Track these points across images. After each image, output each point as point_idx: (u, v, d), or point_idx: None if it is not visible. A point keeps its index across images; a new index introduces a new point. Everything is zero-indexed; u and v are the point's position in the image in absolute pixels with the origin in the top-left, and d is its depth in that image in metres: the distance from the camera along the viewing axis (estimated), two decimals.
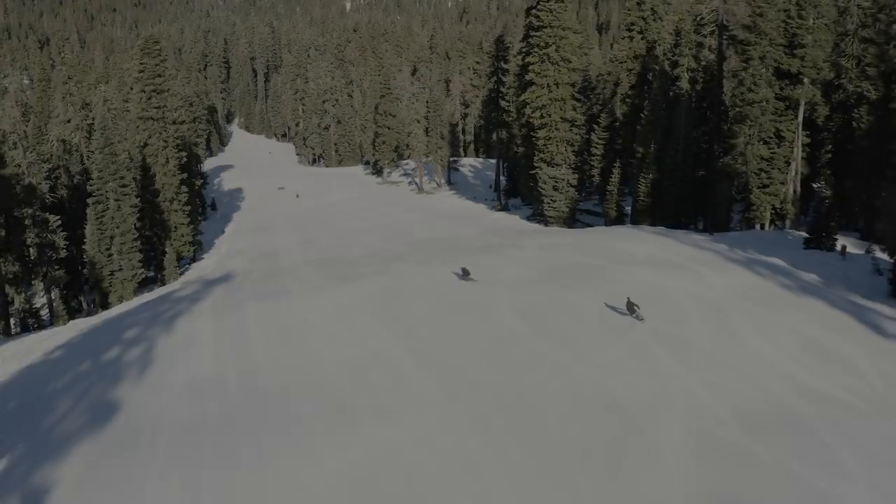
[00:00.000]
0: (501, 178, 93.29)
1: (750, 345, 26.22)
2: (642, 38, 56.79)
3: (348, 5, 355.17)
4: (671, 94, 53.43)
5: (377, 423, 21.13)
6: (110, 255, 59.27)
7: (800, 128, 51.68)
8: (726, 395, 21.86)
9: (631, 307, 29.22)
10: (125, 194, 60.11)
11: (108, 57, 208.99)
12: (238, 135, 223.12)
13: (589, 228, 56.54)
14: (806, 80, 50.45)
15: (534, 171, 67.50)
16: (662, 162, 52.08)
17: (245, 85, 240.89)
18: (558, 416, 20.91)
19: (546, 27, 63.20)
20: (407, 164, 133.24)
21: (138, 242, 60.94)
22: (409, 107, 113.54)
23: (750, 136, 50.77)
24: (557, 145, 64.67)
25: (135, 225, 64.66)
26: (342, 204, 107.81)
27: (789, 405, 21.32)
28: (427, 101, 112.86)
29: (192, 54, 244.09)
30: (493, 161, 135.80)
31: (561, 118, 64.14)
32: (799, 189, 53.23)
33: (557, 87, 63.79)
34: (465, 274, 36.66)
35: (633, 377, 23.35)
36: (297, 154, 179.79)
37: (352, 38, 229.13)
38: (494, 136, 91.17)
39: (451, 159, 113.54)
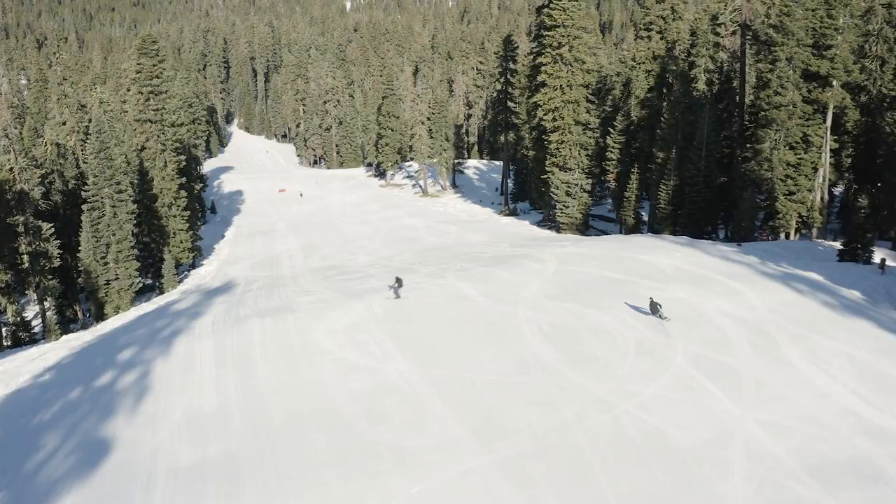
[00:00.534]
0: (508, 181, 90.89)
1: (802, 374, 23.92)
2: (661, 38, 54.49)
3: (348, 4, 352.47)
4: (692, 96, 51.10)
5: (400, 469, 18.80)
6: (106, 264, 56.91)
7: (828, 132, 49.36)
8: (789, 438, 19.55)
9: (654, 307, 29.00)
10: (122, 200, 57.77)
11: (106, 57, 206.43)
12: (238, 135, 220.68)
13: (606, 237, 54.19)
14: (835, 82, 48.13)
15: (545, 176, 65.19)
16: (684, 167, 49.75)
17: (245, 85, 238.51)
18: (603, 462, 18.59)
19: (559, 27, 60.87)
20: (410, 165, 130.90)
21: (135, 250, 58.61)
22: (412, 108, 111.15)
23: (776, 140, 48.49)
24: (570, 149, 62.36)
25: (132, 232, 62.41)
26: (344, 207, 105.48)
27: (861, 450, 19.01)
28: (431, 102, 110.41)
29: (191, 54, 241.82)
30: (498, 163, 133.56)
31: (574, 121, 61.82)
32: (826, 196, 50.93)
33: (570, 89, 61.47)
34: (397, 286, 35.62)
35: (681, 413, 21.03)
36: (298, 155, 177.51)
37: (352, 37, 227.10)
38: (502, 138, 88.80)
39: (456, 161, 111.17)
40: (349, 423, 21.94)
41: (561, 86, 61.62)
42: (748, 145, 51.59)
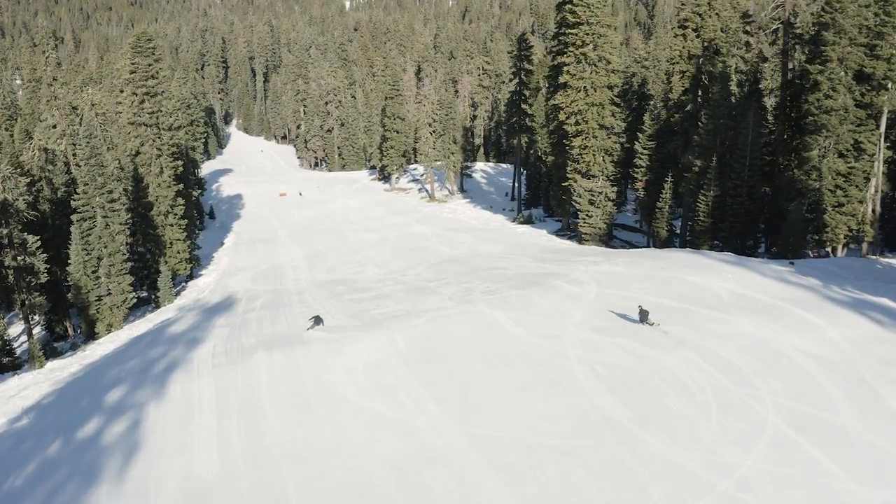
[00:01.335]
0: (521, 186, 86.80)
1: None
2: (697, 37, 50.52)
3: (348, 4, 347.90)
4: (734, 99, 47.10)
5: None
6: (97, 279, 52.79)
7: (881, 139, 45.37)
8: None
9: (643, 315, 28.69)
10: (114, 210, 53.71)
11: (102, 56, 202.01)
12: (237, 136, 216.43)
13: (639, 251, 50.12)
14: (891, 85, 44.14)
15: (567, 183, 61.18)
16: (725, 177, 45.75)
17: (244, 85, 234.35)
18: None
19: (583, 24, 56.86)
20: (415, 169, 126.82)
21: (129, 263, 54.52)
22: (418, 109, 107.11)
23: (825, 148, 44.52)
24: (594, 155, 58.37)
25: (126, 242, 58.35)
26: (348, 212, 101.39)
27: None
28: (438, 103, 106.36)
29: (189, 54, 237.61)
30: (506, 166, 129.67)
31: (598, 125, 57.83)
32: (879, 209, 46.95)
33: (594, 91, 57.46)
34: (314, 325, 34.82)
35: (795, 497, 17.01)
36: (298, 157, 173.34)
37: (353, 37, 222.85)
38: (515, 141, 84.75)
39: (464, 165, 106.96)
40: (382, 499, 17.97)
41: (584, 87, 57.59)
42: (794, 153, 47.73)
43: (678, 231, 53.84)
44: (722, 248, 46.94)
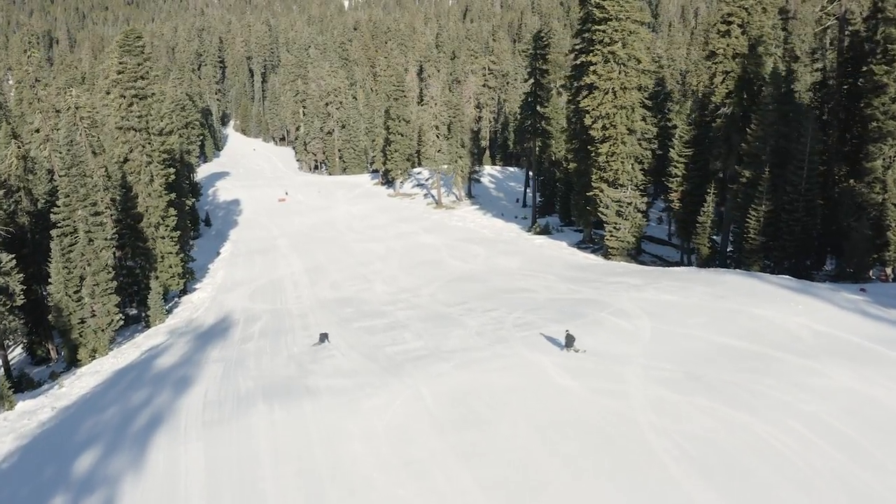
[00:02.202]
0: (535, 193, 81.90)
1: None
2: (743, 34, 45.75)
3: (346, 3, 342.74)
4: (789, 104, 42.21)
5: None
6: (80, 299, 47.89)
7: None
8: None
9: (569, 340, 27.80)
10: (98, 224, 48.85)
11: (95, 56, 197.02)
12: (234, 138, 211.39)
13: (682, 272, 44.83)
14: None
15: (591, 193, 56.36)
16: (778, 189, 40.92)
17: (241, 86, 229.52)
18: None
19: (611, 19, 51.97)
20: (420, 173, 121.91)
21: (115, 283, 49.56)
22: (425, 111, 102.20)
23: (891, 157, 39.71)
24: (623, 162, 53.54)
25: (113, 256, 53.54)
26: (351, 220, 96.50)
27: None
28: (446, 104, 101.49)
29: (185, 54, 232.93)
30: (513, 170, 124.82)
31: (628, 130, 53.02)
32: None
33: (624, 92, 52.63)
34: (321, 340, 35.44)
35: None
36: (298, 160, 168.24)
37: (353, 36, 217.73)
38: (529, 145, 79.77)
39: (473, 170, 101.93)
40: None
41: (613, 89, 52.71)
42: (851, 162, 42.97)
43: (718, 247, 48.87)
44: (774, 268, 42.04)
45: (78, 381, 38.98)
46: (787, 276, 38.50)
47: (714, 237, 48.74)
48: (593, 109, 53.54)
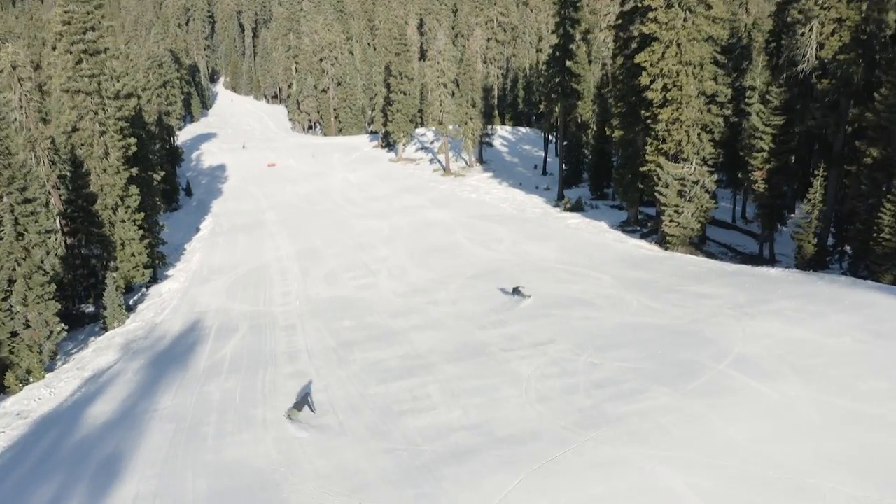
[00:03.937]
0: (555, 160, 71.07)
1: None
2: None
3: None
4: None
5: None
6: (9, 309, 37.67)
7: None
8: None
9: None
10: (30, 214, 38.44)
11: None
12: (224, 96, 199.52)
13: (780, 275, 33.87)
14: None
15: (645, 168, 45.87)
16: None
17: (231, 41, 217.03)
18: None
19: None
20: (424, 135, 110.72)
21: (52, 286, 39.21)
22: (431, 67, 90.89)
23: None
24: (688, 132, 42.94)
25: (64, 245, 43.52)
26: (349, 189, 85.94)
27: None
28: (454, 60, 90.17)
29: (172, 9, 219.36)
30: (526, 131, 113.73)
31: (697, 91, 42.34)
32: None
33: (691, 46, 41.82)
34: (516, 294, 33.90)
35: None
36: (290, 119, 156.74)
37: None
38: (558, 106, 68.67)
39: (484, 132, 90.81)
40: None
41: (677, 41, 41.87)
42: None
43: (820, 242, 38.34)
44: None
45: None
46: None
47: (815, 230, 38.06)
48: (651, 66, 42.75)
